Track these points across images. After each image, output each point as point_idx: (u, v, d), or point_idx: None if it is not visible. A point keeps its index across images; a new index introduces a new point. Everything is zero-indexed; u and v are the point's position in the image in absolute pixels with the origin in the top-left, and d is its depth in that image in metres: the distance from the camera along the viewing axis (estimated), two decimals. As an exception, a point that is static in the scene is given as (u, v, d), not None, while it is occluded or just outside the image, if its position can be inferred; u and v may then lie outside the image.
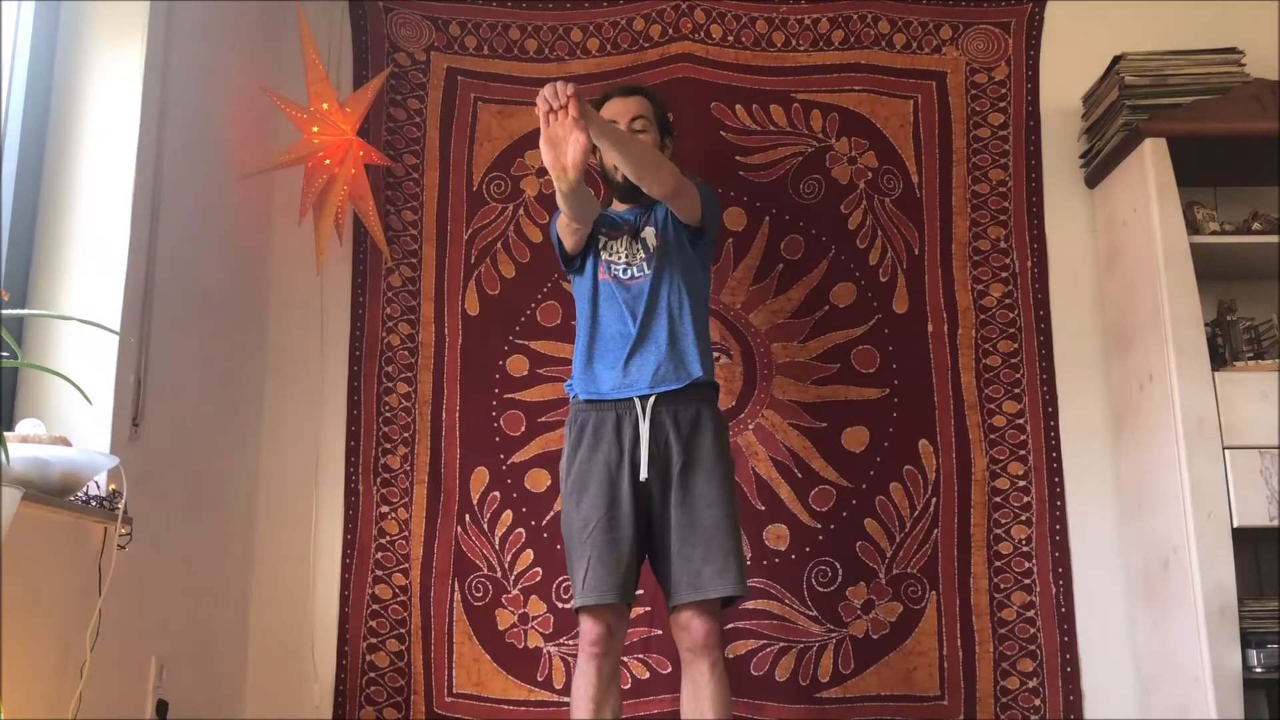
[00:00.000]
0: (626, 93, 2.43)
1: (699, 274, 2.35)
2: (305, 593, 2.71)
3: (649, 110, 2.39)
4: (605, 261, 2.32)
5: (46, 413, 1.99)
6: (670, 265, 2.29)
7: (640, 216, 2.35)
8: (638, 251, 2.31)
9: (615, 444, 2.18)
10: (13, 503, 1.51)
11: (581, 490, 2.18)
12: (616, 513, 2.14)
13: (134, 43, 2.18)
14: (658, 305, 2.26)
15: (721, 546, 2.11)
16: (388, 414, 2.80)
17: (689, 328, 2.25)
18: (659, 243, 2.30)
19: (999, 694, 2.65)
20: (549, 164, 2.04)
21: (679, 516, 2.13)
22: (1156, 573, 2.53)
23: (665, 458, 2.17)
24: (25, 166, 2.08)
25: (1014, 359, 2.82)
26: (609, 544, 2.12)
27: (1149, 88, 2.67)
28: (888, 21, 2.97)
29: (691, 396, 2.21)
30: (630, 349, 2.23)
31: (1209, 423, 2.43)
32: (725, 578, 2.09)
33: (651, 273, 2.28)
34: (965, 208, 2.89)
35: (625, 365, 2.22)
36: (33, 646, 1.76)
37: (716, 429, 2.22)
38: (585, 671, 2.13)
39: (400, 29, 2.96)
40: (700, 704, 2.09)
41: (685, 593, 2.10)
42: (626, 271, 2.30)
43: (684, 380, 2.20)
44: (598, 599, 2.10)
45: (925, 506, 2.74)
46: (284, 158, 2.69)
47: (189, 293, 2.39)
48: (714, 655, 2.10)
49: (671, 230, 2.31)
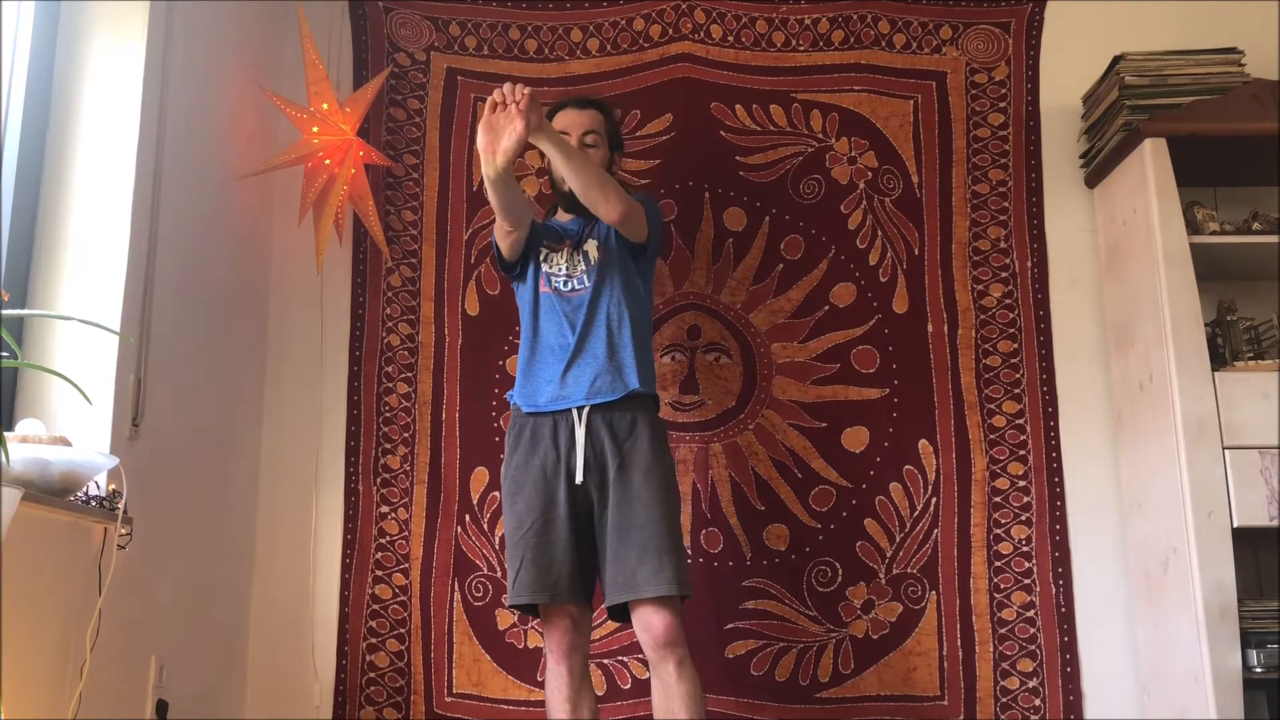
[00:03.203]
0: (581, 105, 2.44)
1: (640, 287, 2.37)
2: (305, 593, 2.71)
3: (601, 125, 2.41)
4: (546, 273, 2.34)
5: (46, 413, 1.99)
6: (610, 278, 2.30)
7: (584, 228, 2.37)
8: (579, 263, 2.32)
9: (552, 448, 2.21)
10: (13, 503, 1.51)
11: (516, 493, 2.23)
12: (551, 515, 2.18)
13: (134, 43, 2.18)
14: (596, 317, 2.27)
15: (657, 546, 2.11)
16: (388, 414, 2.80)
17: (628, 340, 2.26)
18: (600, 255, 2.32)
19: (999, 694, 2.65)
20: (481, 147, 2.09)
21: (615, 518, 2.15)
22: (1156, 573, 2.53)
23: (601, 462, 2.19)
24: (25, 166, 2.08)
25: (1014, 359, 2.82)
26: (541, 546, 2.17)
27: (1149, 88, 2.67)
28: (888, 21, 2.97)
29: (628, 406, 2.23)
30: (568, 360, 2.25)
31: (1209, 423, 2.43)
32: (660, 576, 2.09)
33: (592, 285, 2.30)
34: (965, 208, 2.89)
35: (563, 377, 2.24)
36: (33, 646, 1.76)
37: (653, 433, 2.23)
38: (556, 672, 2.19)
39: (400, 29, 2.96)
40: (671, 704, 2.10)
41: (619, 592, 2.12)
42: (567, 284, 2.32)
43: (620, 392, 2.22)
44: (529, 599, 2.16)
45: (925, 506, 2.74)
46: (284, 158, 2.69)
47: (189, 293, 2.38)
48: (679, 652, 2.11)
49: (614, 244, 2.33)
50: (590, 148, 2.37)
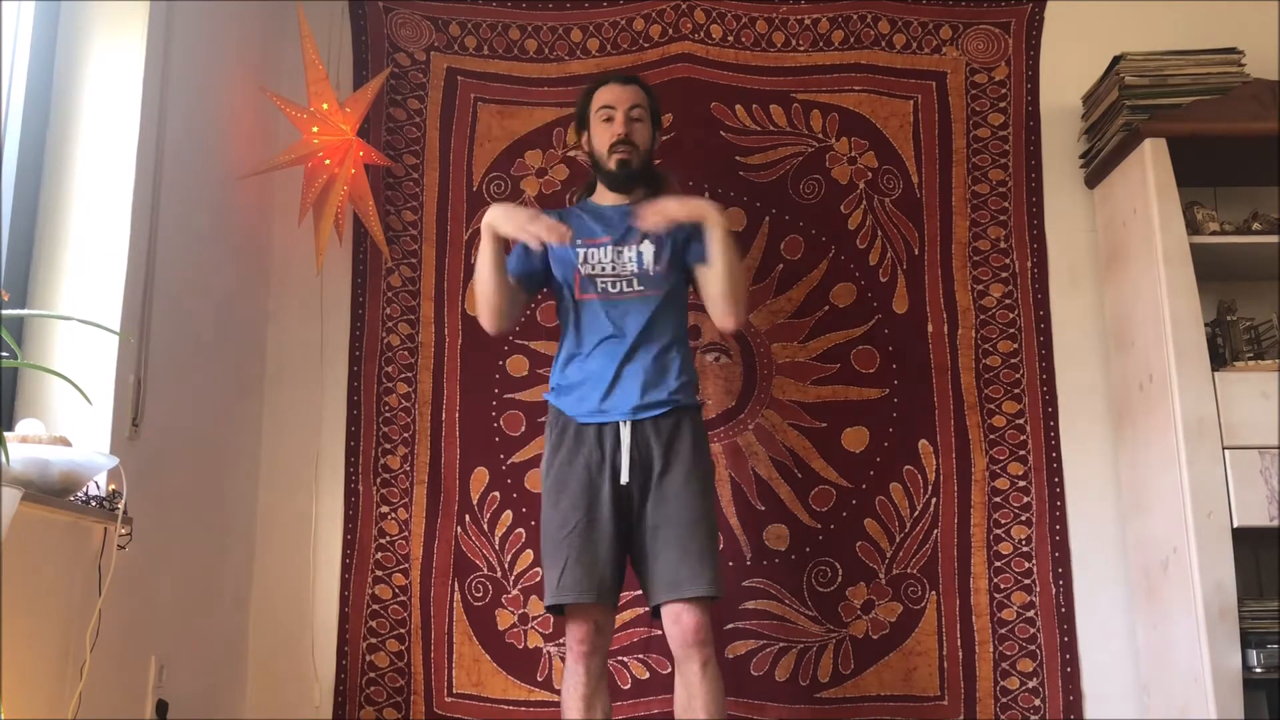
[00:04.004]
0: (624, 81, 2.40)
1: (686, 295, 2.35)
2: (305, 593, 2.71)
3: (645, 101, 2.37)
4: (586, 276, 2.26)
5: (46, 413, 1.99)
6: (663, 284, 2.26)
7: (627, 220, 2.28)
8: (628, 262, 2.26)
9: (597, 448, 2.18)
10: (13, 503, 1.51)
11: (560, 492, 2.19)
12: (595, 515, 2.14)
13: (134, 42, 2.18)
14: (647, 323, 2.22)
15: (698, 549, 2.11)
16: (388, 414, 2.80)
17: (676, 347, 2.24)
18: (656, 262, 2.26)
19: (999, 694, 2.65)
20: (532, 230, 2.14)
21: (656, 519, 2.14)
22: (1156, 573, 2.53)
23: (646, 462, 2.17)
24: (25, 166, 2.08)
25: (1014, 359, 2.82)
26: (587, 545, 2.13)
27: (1149, 88, 2.67)
28: (888, 21, 2.97)
29: (672, 413, 2.20)
30: (616, 369, 2.20)
31: (1209, 423, 2.43)
32: (699, 579, 2.09)
33: (644, 289, 2.25)
34: (965, 208, 2.89)
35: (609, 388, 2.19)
36: (33, 646, 1.76)
37: (696, 436, 2.22)
38: (574, 671, 2.15)
39: (400, 29, 2.96)
40: (693, 703, 2.09)
41: (662, 593, 2.11)
42: (615, 285, 2.26)
43: (666, 407, 2.19)
44: (574, 598, 2.11)
45: (925, 507, 2.74)
46: (284, 158, 2.69)
47: (189, 293, 2.38)
48: (705, 653, 2.10)
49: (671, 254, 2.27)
50: (637, 122, 2.32)
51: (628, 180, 2.31)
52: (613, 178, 2.32)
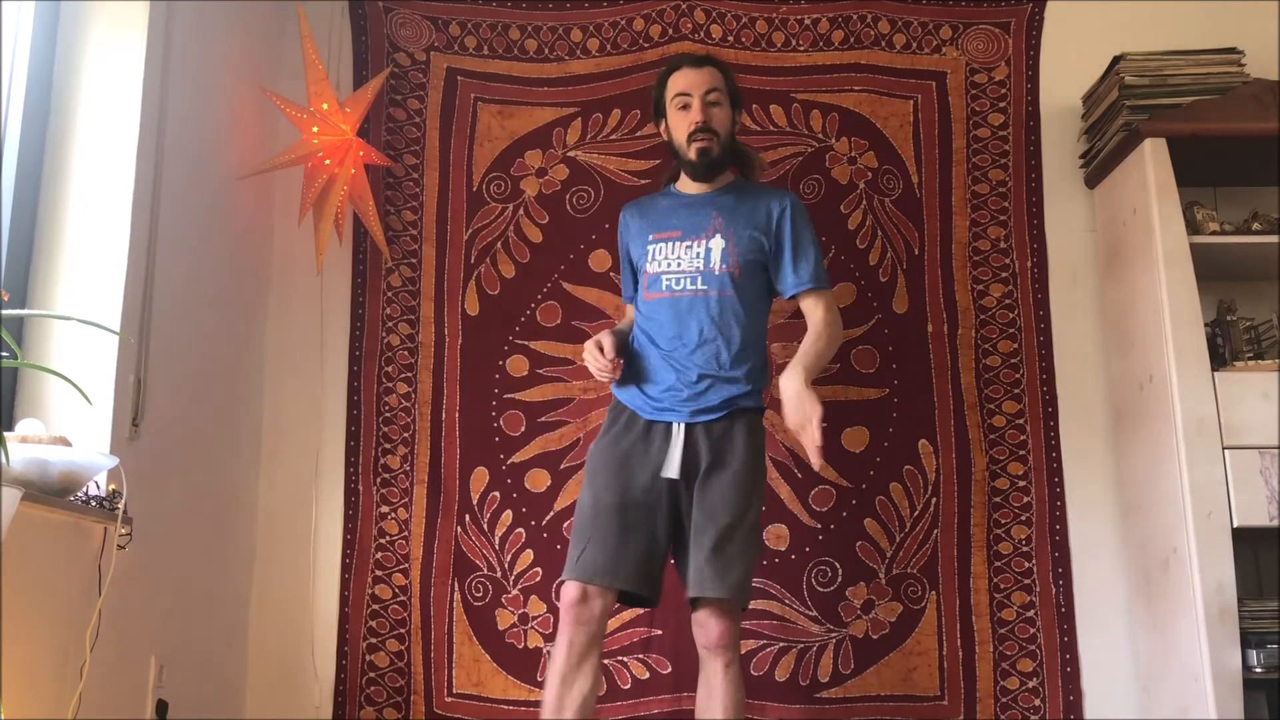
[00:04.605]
0: (698, 63, 2.29)
1: (766, 295, 2.29)
2: (305, 593, 2.71)
3: (722, 83, 2.27)
4: (653, 275, 2.24)
5: (46, 413, 1.99)
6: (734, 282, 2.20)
7: (705, 207, 2.24)
8: (696, 257, 2.21)
9: (645, 440, 2.16)
10: (13, 503, 1.51)
11: (597, 472, 2.16)
12: (627, 501, 2.11)
13: (134, 42, 2.18)
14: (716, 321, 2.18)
15: (731, 551, 2.07)
16: (388, 414, 2.80)
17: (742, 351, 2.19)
18: (731, 260, 2.20)
19: (999, 694, 2.65)
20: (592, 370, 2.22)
21: (698, 516, 2.10)
22: (1156, 573, 2.53)
23: (694, 460, 2.13)
24: (25, 166, 2.08)
25: (1014, 359, 2.82)
26: (612, 531, 2.09)
27: (1149, 88, 2.67)
28: (888, 21, 2.97)
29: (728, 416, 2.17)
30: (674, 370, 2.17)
31: (1209, 423, 2.43)
32: (723, 581, 2.05)
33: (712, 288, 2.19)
34: (965, 208, 2.89)
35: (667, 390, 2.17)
36: (33, 646, 1.76)
37: (750, 439, 2.17)
38: (559, 643, 2.07)
39: (400, 29, 2.96)
40: (712, 703, 2.08)
41: (689, 587, 2.10)
42: (680, 282, 2.21)
43: (720, 412, 2.16)
44: (584, 577, 2.06)
45: (925, 506, 2.74)
46: (284, 158, 2.69)
47: (189, 293, 2.38)
48: (728, 655, 2.08)
49: (749, 254, 2.22)
50: (714, 106, 2.23)
51: (709, 169, 2.25)
52: (695, 168, 2.26)
